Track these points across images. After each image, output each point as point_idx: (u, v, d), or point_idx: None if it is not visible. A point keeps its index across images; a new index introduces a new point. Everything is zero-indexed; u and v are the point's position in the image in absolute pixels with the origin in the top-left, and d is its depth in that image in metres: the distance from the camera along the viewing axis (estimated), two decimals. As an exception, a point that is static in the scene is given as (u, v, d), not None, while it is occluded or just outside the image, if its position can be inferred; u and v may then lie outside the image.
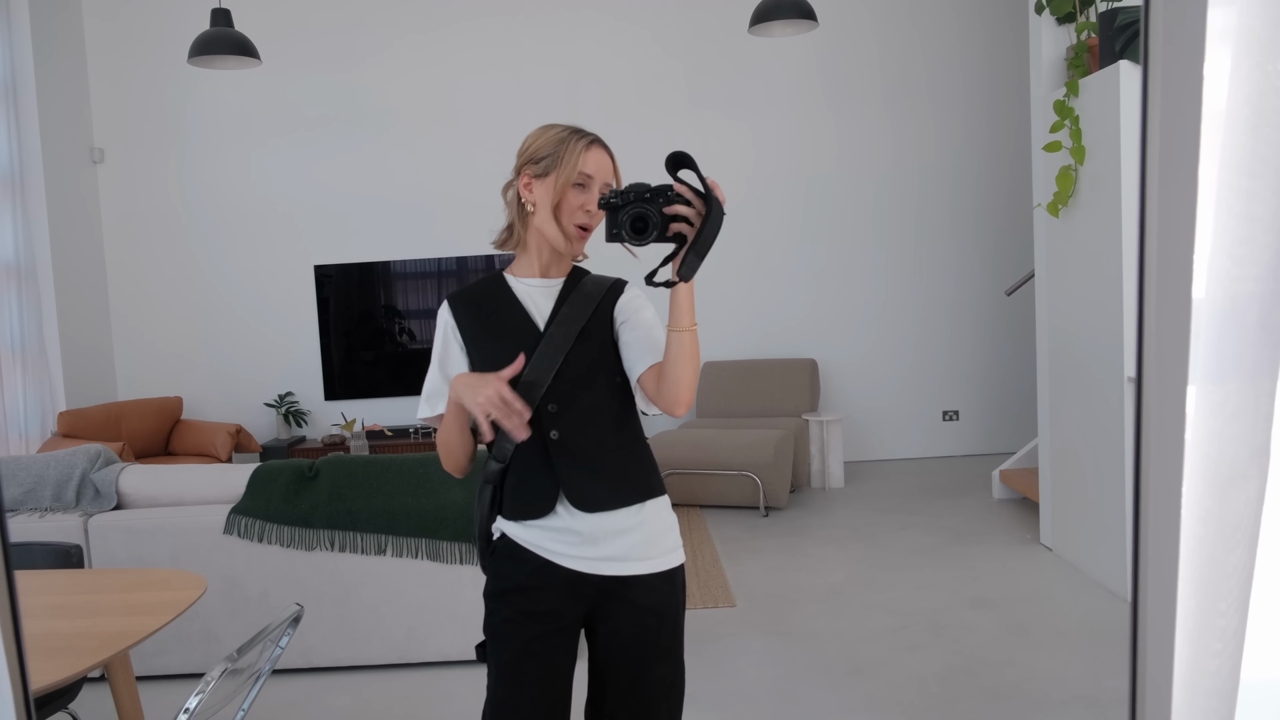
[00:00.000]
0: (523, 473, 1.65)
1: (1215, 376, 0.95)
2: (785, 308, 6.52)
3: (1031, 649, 3.31)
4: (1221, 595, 0.98)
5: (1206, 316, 0.95)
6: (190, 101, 6.35)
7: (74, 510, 3.24)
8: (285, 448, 5.99)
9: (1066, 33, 4.17)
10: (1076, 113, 3.90)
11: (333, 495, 3.26)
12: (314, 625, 3.25)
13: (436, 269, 6.40)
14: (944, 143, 6.46)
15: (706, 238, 1.47)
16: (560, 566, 1.64)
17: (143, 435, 5.76)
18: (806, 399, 6.03)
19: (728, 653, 3.39)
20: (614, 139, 1.91)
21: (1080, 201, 3.95)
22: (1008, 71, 6.39)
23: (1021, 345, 6.47)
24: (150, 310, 6.43)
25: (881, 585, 4.03)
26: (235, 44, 4.84)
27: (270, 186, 6.42)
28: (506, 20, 6.34)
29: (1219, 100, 0.94)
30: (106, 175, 6.35)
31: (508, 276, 1.73)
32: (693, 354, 1.53)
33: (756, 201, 6.42)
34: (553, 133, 1.66)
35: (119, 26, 6.28)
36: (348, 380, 6.44)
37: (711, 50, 6.37)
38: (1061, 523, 4.28)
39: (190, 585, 2.11)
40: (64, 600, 2.07)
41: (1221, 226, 0.94)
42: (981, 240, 6.51)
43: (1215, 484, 0.95)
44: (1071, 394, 4.13)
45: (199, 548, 3.22)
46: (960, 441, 6.61)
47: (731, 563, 4.42)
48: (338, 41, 6.34)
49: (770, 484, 5.17)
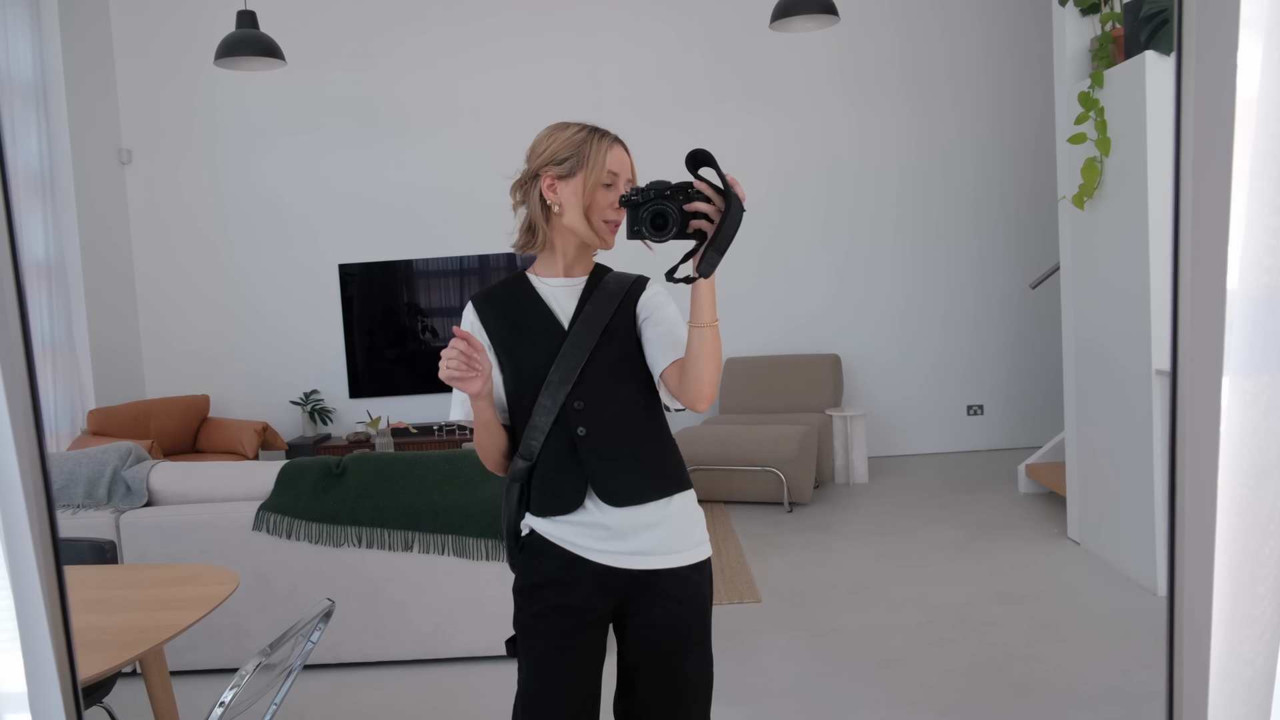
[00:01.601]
0: (551, 469, 1.66)
1: (1249, 368, 0.95)
2: (808, 302, 6.50)
3: (1059, 643, 3.29)
4: (1258, 586, 0.97)
5: (1240, 308, 0.95)
6: (216, 103, 6.41)
7: (106, 507, 3.29)
8: (311, 445, 6.04)
9: (1091, 24, 4.13)
10: (1101, 104, 3.86)
11: (360, 492, 3.29)
12: (342, 621, 3.28)
13: (459, 267, 6.43)
14: (967, 136, 6.42)
15: (726, 234, 1.48)
16: (590, 561, 1.66)
17: (171, 433, 5.83)
18: (830, 394, 6.02)
19: (754, 648, 3.39)
20: (636, 135, 1.92)
21: (1105, 194, 3.91)
22: (1031, 63, 6.34)
23: (1047, 338, 6.43)
24: (177, 309, 6.51)
25: (907, 580, 4.02)
26: (261, 45, 4.88)
27: (295, 186, 6.47)
28: (526, 15, 6.36)
29: (1252, 89, 0.94)
30: (134, 176, 6.43)
31: (530, 276, 1.74)
32: (714, 350, 1.54)
33: (778, 196, 6.40)
34: (570, 132, 1.67)
35: (146, 28, 6.35)
36: (372, 378, 6.49)
37: (733, 45, 6.36)
38: (1089, 517, 4.24)
39: (223, 580, 2.14)
40: (99, 595, 2.11)
41: (1254, 217, 0.93)
42: (1005, 233, 6.47)
43: (1250, 475, 0.95)
44: (1099, 387, 4.09)
45: (228, 544, 3.26)
46: (985, 436, 6.57)
47: (756, 558, 4.42)
48: (360, 41, 6.38)
49: (794, 479, 5.16)
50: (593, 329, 1.65)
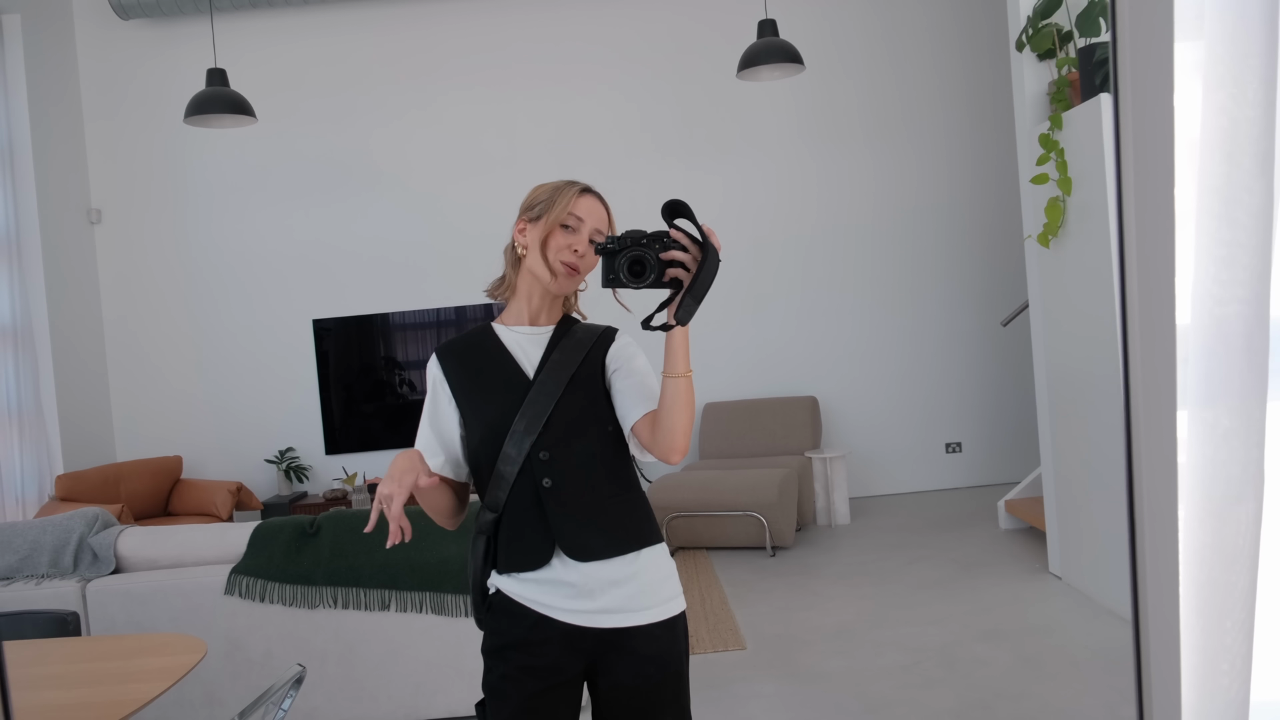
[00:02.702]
0: (516, 523, 1.64)
1: (1206, 400, 0.95)
2: (783, 346, 6.53)
3: (1045, 680, 3.27)
4: (1227, 618, 0.97)
5: (1194, 341, 0.96)
6: (187, 160, 6.42)
7: (71, 576, 3.21)
8: (287, 504, 5.96)
9: (1048, 68, 4.23)
10: (1061, 145, 3.94)
11: (334, 551, 3.24)
12: (318, 684, 3.21)
13: (435, 319, 6.42)
14: (932, 179, 6.52)
15: (703, 282, 1.49)
16: (558, 621, 1.62)
17: (142, 496, 5.74)
18: (809, 436, 6.02)
19: (740, 697, 3.34)
20: (610, 185, 1.93)
21: (1069, 231, 3.98)
22: (992, 108, 6.47)
23: (1020, 375, 6.48)
24: (149, 370, 6.44)
25: (892, 622, 3.99)
26: (231, 103, 4.91)
27: (268, 242, 6.46)
28: (498, 72, 6.43)
29: (1193, 130, 0.96)
30: (104, 235, 6.40)
31: (496, 326, 1.74)
32: (688, 400, 1.54)
33: (750, 244, 6.46)
34: (552, 184, 1.71)
35: (116, 86, 6.37)
36: (349, 433, 6.43)
37: (702, 98, 6.46)
38: (1069, 551, 4.25)
39: (190, 649, 2.09)
40: (61, 670, 2.05)
41: (1203, 252, 0.95)
42: (975, 272, 6.55)
43: (1212, 507, 0.95)
44: (1072, 421, 4.12)
45: (200, 609, 3.19)
46: (964, 473, 6.58)
47: (740, 605, 4.38)
48: (333, 99, 6.42)
49: (776, 523, 5.13)
50: (559, 378, 1.64)
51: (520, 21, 6.43)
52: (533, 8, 6.43)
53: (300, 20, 6.40)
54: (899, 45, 6.50)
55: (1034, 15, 4.09)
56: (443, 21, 6.43)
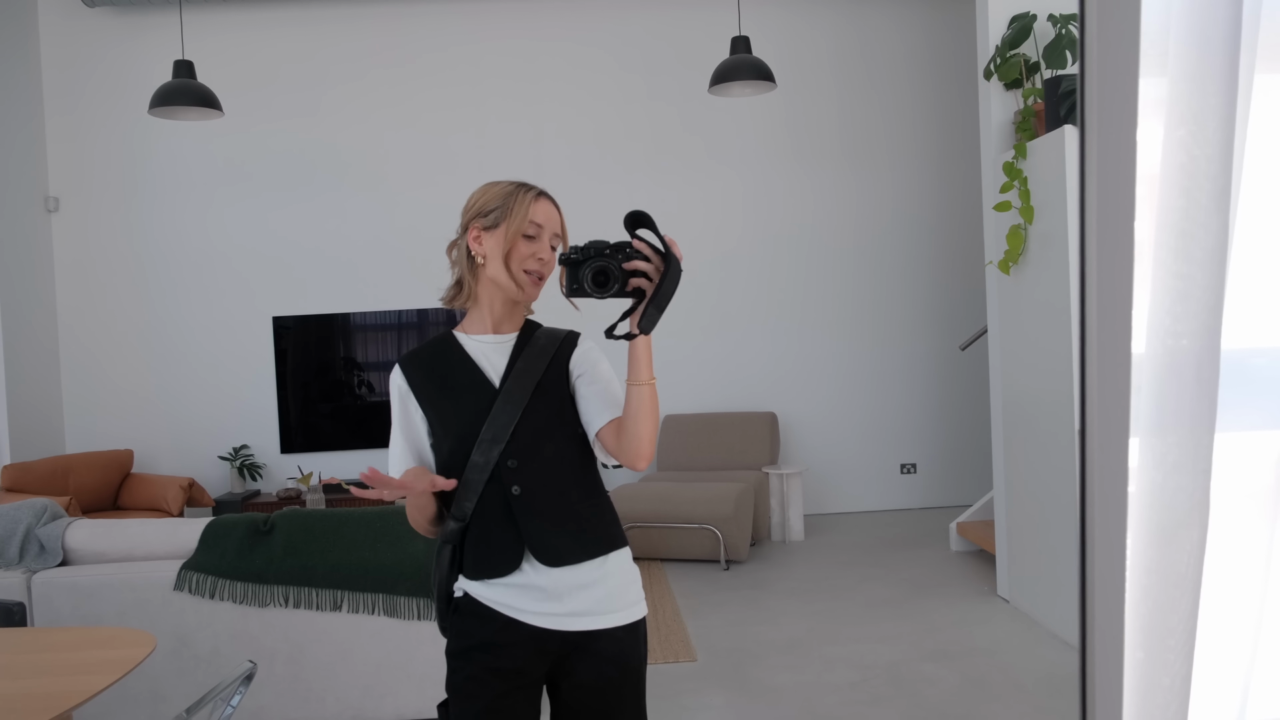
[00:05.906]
0: (484, 530, 1.65)
1: (1156, 429, 0.99)
2: (745, 361, 6.58)
3: (990, 701, 3.32)
4: (1169, 643, 1.00)
5: (1148, 371, 0.99)
6: (150, 152, 6.32)
7: (17, 567, 3.14)
8: (239, 502, 5.88)
9: (1014, 98, 4.32)
10: (1025, 174, 4.03)
11: (288, 550, 3.20)
12: (267, 684, 3.17)
13: (397, 321, 6.37)
14: (898, 202, 6.62)
15: (666, 292, 1.51)
16: (527, 624, 1.63)
17: (91, 489, 5.62)
18: (767, 452, 6.06)
19: (689, 708, 3.35)
20: (577, 195, 1.95)
21: (1030, 259, 4.06)
22: (959, 135, 6.59)
23: (977, 399, 6.58)
24: (102, 361, 6.32)
25: (842, 638, 4.02)
26: (197, 95, 4.85)
27: (230, 237, 6.38)
28: (468, 74, 6.42)
29: (1153, 165, 0.99)
30: (61, 224, 6.28)
31: (458, 335, 1.74)
32: (653, 407, 1.56)
33: (715, 257, 6.50)
34: (499, 188, 1.69)
35: (78, 75, 6.26)
36: (305, 433, 6.36)
37: (672, 110, 6.49)
38: (1018, 574, 4.32)
39: (137, 643, 2.05)
40: (5, 660, 2.01)
41: (1159, 284, 0.98)
42: (936, 296, 6.65)
43: (1158, 534, 0.98)
44: (1025, 447, 4.20)
45: (148, 604, 3.13)
46: (918, 494, 6.66)
47: (693, 616, 4.39)
48: (300, 94, 6.37)
49: (731, 537, 5.16)
50: (524, 386, 1.65)
51: (493, 25, 6.43)
52: (506, 14, 6.44)
53: (269, 15, 6.34)
54: (870, 69, 6.59)
55: (1002, 45, 4.18)
56: (415, 24, 6.41)
